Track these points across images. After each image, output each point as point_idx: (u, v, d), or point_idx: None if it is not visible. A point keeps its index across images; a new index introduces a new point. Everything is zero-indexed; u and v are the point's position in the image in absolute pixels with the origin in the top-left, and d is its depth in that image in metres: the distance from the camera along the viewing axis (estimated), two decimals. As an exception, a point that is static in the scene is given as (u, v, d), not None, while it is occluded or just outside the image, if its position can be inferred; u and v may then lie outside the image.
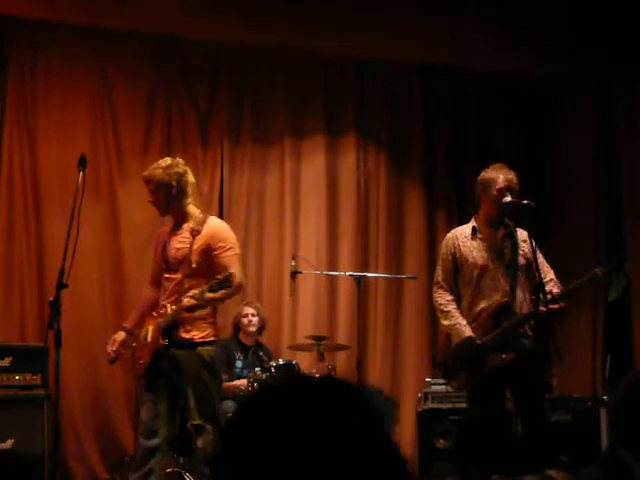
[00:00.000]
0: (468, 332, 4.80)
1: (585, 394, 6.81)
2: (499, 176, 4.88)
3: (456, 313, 4.87)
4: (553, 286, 4.78)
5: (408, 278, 7.33)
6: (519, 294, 4.85)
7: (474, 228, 4.97)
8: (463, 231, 5.02)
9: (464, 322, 4.83)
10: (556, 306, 4.65)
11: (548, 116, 7.97)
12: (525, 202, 4.77)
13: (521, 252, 4.88)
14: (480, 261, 4.89)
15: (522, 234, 4.96)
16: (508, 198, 4.83)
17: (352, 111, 7.75)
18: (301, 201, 7.57)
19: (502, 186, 4.85)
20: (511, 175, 4.88)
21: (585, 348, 7.11)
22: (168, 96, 7.27)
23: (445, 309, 4.91)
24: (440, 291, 4.99)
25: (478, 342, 4.79)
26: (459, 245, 4.96)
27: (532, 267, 4.78)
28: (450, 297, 4.93)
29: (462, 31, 6.77)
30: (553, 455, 4.90)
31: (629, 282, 7.17)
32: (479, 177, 5.03)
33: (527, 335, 4.81)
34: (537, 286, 4.57)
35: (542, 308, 4.56)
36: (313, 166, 7.62)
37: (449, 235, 5.09)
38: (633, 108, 7.12)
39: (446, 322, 4.90)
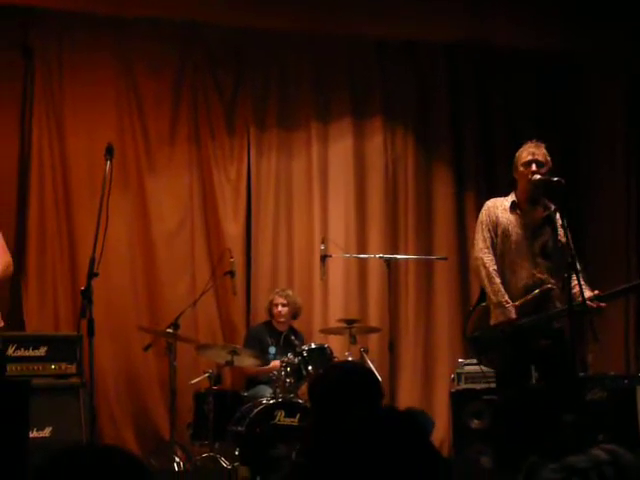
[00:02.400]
0: (514, 313, 4.75)
1: (620, 372, 6.77)
2: (524, 151, 4.85)
3: (502, 289, 4.79)
4: (585, 288, 4.69)
5: (438, 259, 7.31)
6: (549, 279, 4.80)
7: (514, 202, 4.91)
8: (502, 202, 4.96)
9: (510, 302, 4.77)
10: (599, 305, 4.61)
11: (577, 95, 7.87)
12: (555, 179, 4.72)
13: (559, 236, 4.79)
14: (514, 236, 4.85)
15: (559, 218, 4.87)
16: (537, 176, 4.79)
17: (378, 94, 7.71)
18: (329, 185, 7.56)
19: (525, 160, 4.82)
20: (536, 149, 4.83)
21: (618, 326, 7.06)
22: (193, 84, 7.27)
23: (494, 280, 4.81)
24: (489, 256, 4.85)
25: (520, 323, 4.74)
26: (498, 215, 4.91)
27: (567, 253, 4.70)
28: (496, 267, 4.84)
29: (485, 8, 6.71)
30: (591, 434, 4.86)
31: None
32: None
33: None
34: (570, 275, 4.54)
35: (589, 304, 4.53)
36: (340, 150, 7.60)
37: (489, 203, 5.01)
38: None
39: (493, 297, 4.80)
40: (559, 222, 4.81)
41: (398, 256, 6.97)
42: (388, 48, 7.69)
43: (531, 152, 4.83)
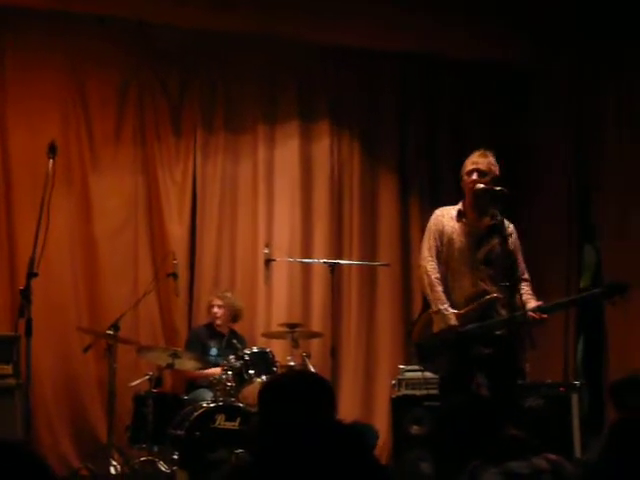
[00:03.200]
0: (454, 320, 4.79)
1: (557, 380, 6.87)
2: (468, 160, 4.90)
3: (443, 297, 4.83)
4: (531, 298, 4.78)
5: (381, 265, 7.35)
6: (492, 288, 4.84)
7: (460, 211, 4.95)
8: (450, 211, 5.00)
9: (450, 308, 4.81)
10: (541, 317, 4.69)
11: (522, 104, 7.99)
12: (498, 189, 4.77)
13: (505, 245, 4.80)
14: (458, 245, 4.89)
15: (510, 229, 4.94)
16: (480, 185, 4.83)
17: (326, 98, 7.73)
18: (275, 188, 7.55)
19: (468, 169, 4.87)
20: (479, 158, 4.86)
21: (557, 334, 7.16)
22: (139, 83, 7.22)
23: (435, 288, 4.85)
24: (432, 264, 4.89)
25: (461, 330, 4.79)
26: (445, 224, 4.95)
27: (513, 262, 4.79)
28: (439, 275, 4.88)
29: (434, 18, 6.77)
30: (530, 442, 4.92)
31: (599, 265, 7.26)
32: None
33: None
34: (513, 285, 4.62)
35: (532, 315, 4.61)
36: (287, 153, 7.60)
37: (438, 212, 5.04)
38: (604, 95, 7.18)
39: (434, 305, 4.84)
40: (508, 231, 4.87)
41: (342, 261, 6.99)
42: (336, 53, 7.71)
43: (474, 162, 4.88)
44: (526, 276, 4.94)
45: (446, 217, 4.97)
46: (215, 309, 6.73)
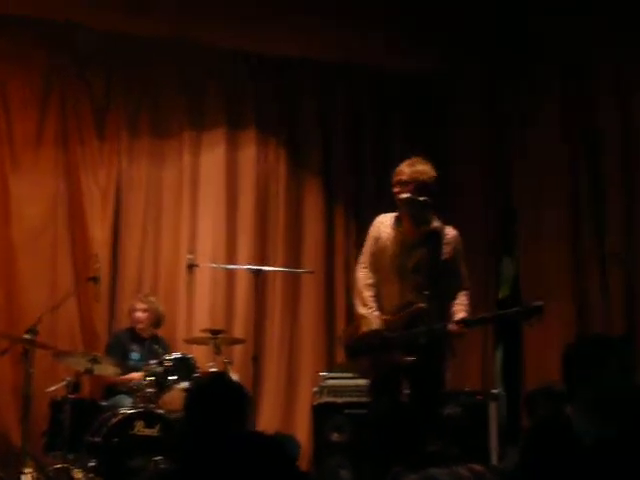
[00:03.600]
0: (377, 324, 4.82)
1: (476, 388, 6.97)
2: (395, 170, 4.96)
3: (370, 301, 4.87)
4: (461, 309, 4.84)
5: (305, 272, 7.38)
6: (419, 296, 4.86)
7: (396, 218, 4.99)
8: (388, 218, 5.02)
9: (376, 313, 4.84)
10: (460, 330, 4.76)
11: (443, 116, 8.12)
12: (421, 199, 4.84)
13: (435, 254, 4.86)
14: (389, 252, 4.93)
15: (449, 236, 4.96)
16: (404, 195, 4.89)
17: (252, 105, 7.73)
18: (199, 195, 7.53)
19: (393, 180, 4.93)
20: (405, 168, 4.90)
21: (476, 343, 7.27)
22: (63, 85, 7.13)
23: (363, 294, 4.90)
24: (364, 272, 4.97)
25: (385, 335, 4.83)
26: (382, 230, 4.98)
27: (445, 271, 4.85)
28: (371, 281, 4.93)
29: (358, 29, 6.83)
30: (445, 448, 4.99)
31: (517, 277, 7.40)
32: None
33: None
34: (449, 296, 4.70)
35: (452, 327, 4.68)
36: (212, 160, 7.58)
37: (378, 218, 5.07)
38: (518, 107, 7.35)
39: (360, 309, 4.90)
40: (447, 238, 4.90)
41: (265, 268, 6.98)
42: (263, 61, 7.72)
43: (397, 172, 4.93)
44: (465, 285, 4.97)
45: (385, 224, 5.00)
46: (138, 313, 6.66)
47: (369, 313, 4.86)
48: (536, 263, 7.11)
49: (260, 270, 6.50)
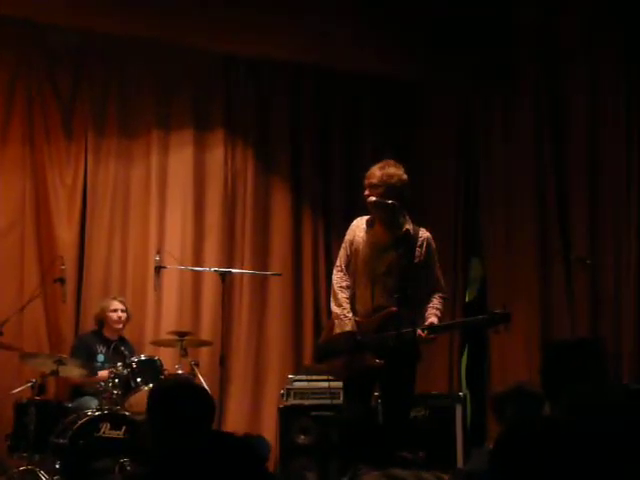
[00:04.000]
0: (350, 326, 4.84)
1: (442, 391, 7.02)
2: (365, 174, 4.98)
3: (344, 303, 4.89)
4: (433, 314, 4.87)
5: (272, 275, 7.37)
6: (389, 300, 4.87)
7: (368, 222, 5.00)
8: (363, 222, 5.04)
9: (350, 315, 4.86)
10: (428, 336, 4.79)
11: (413, 118, 8.16)
12: (389, 202, 4.86)
13: (408, 257, 4.87)
14: (362, 255, 4.94)
15: (422, 239, 4.97)
16: (372, 198, 4.91)
17: (220, 106, 7.71)
18: (167, 195, 7.49)
19: (364, 183, 4.95)
20: (376, 170, 4.92)
21: (442, 345, 7.31)
22: (29, 84, 7.06)
23: (337, 296, 4.93)
24: (340, 274, 4.99)
25: (358, 338, 4.83)
26: (356, 234, 4.99)
27: (419, 274, 4.89)
28: (346, 283, 4.95)
29: (327, 31, 6.83)
30: (413, 454, 5.01)
31: (484, 279, 7.47)
32: None
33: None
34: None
35: (420, 333, 4.71)
36: (180, 160, 7.55)
37: (355, 222, 5.08)
38: (489, 113, 7.42)
39: (334, 309, 4.92)
40: (420, 241, 4.94)
41: (233, 270, 6.97)
42: (232, 63, 7.71)
43: (367, 175, 4.96)
44: (439, 287, 5.00)
45: (359, 227, 5.02)
46: (119, 313, 6.61)
47: (343, 314, 4.88)
48: (503, 265, 7.18)
49: (228, 272, 6.50)
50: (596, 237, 6.56)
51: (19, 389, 6.00)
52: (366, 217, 5.05)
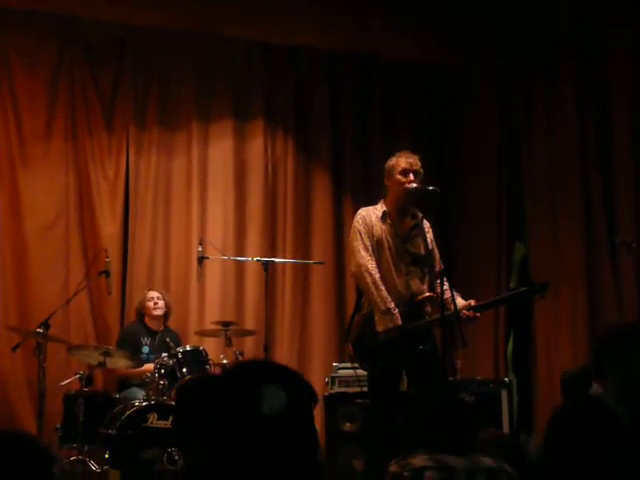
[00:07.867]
0: (400, 320, 4.80)
1: (487, 376, 6.98)
2: (401, 159, 4.95)
3: (388, 296, 4.81)
4: (454, 293, 4.78)
5: (315, 263, 7.38)
6: (422, 287, 4.92)
7: (384, 212, 4.98)
8: (374, 212, 5.01)
9: (396, 309, 4.80)
10: (473, 315, 4.77)
11: (453, 104, 8.10)
12: (431, 188, 4.83)
13: (426, 244, 4.92)
14: (387, 246, 4.92)
15: (427, 225, 5.04)
16: (414, 184, 4.89)
17: (260, 96, 7.72)
18: (208, 186, 7.52)
19: (403, 167, 4.91)
20: (412, 158, 4.93)
21: (487, 331, 7.27)
22: (71, 79, 7.13)
23: (379, 287, 4.81)
24: (373, 264, 4.86)
25: (406, 328, 4.80)
26: (373, 224, 4.96)
27: (435, 260, 4.95)
28: (378, 275, 4.85)
29: (366, 17, 6.80)
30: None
31: (527, 263, 7.40)
32: (385, 165, 5.07)
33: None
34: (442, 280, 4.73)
35: (465, 313, 4.70)
36: (221, 151, 7.57)
37: (363, 212, 5.02)
38: (531, 100, 7.32)
39: (381, 305, 4.80)
40: (427, 230, 4.96)
41: (276, 259, 6.99)
42: (271, 52, 7.71)
43: (409, 162, 4.92)
44: (441, 266, 4.98)
45: (373, 218, 4.98)
46: (155, 300, 6.67)
47: (393, 308, 4.80)
48: (548, 249, 7.10)
49: (270, 261, 6.51)
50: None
51: (67, 381, 6.08)
52: (371, 207, 5.04)
